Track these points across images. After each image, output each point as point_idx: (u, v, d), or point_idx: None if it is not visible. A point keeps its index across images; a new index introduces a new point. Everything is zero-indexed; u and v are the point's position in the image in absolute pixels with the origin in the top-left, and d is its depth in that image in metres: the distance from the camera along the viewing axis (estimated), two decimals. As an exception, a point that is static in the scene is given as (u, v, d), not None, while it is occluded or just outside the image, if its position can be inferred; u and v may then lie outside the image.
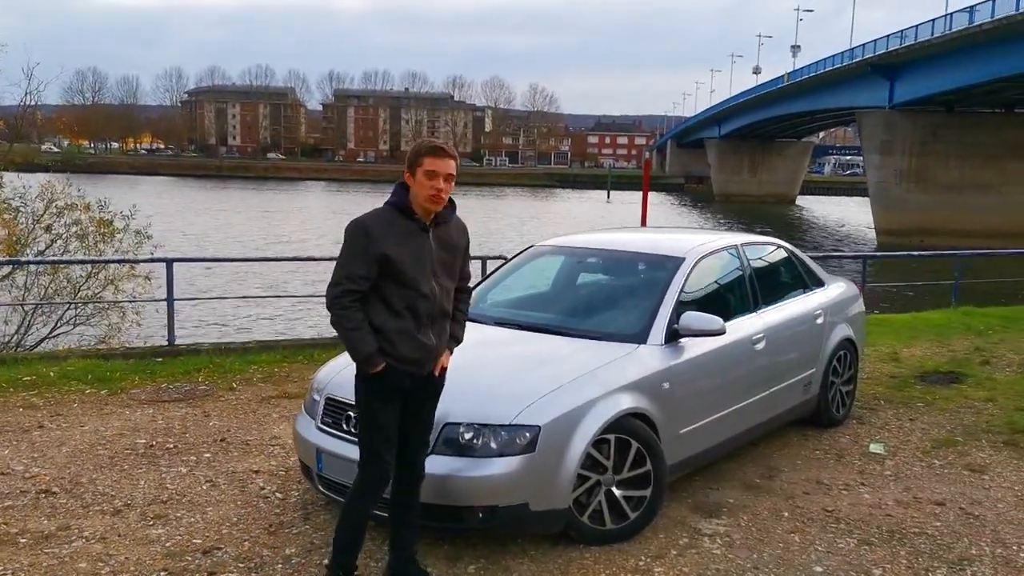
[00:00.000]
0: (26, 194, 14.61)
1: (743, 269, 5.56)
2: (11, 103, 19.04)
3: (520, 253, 5.92)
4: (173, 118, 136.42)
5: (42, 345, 12.39)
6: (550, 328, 4.85)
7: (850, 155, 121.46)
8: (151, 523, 4.31)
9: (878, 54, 40.82)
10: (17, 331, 12.91)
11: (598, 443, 4.08)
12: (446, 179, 3.39)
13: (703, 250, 5.30)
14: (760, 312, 5.43)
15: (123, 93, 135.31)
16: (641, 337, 4.62)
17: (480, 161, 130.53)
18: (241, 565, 3.89)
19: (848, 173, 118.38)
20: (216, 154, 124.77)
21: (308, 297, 13.50)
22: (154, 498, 4.63)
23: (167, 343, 8.38)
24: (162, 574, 3.79)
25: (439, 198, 3.40)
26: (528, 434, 3.88)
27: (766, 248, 6.18)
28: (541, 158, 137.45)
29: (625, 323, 4.80)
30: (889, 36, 40.52)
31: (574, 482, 4.00)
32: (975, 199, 39.85)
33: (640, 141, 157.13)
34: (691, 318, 4.67)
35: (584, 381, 4.18)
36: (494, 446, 3.87)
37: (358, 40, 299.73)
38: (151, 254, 13.75)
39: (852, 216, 62.80)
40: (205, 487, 4.82)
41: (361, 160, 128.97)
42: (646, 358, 4.50)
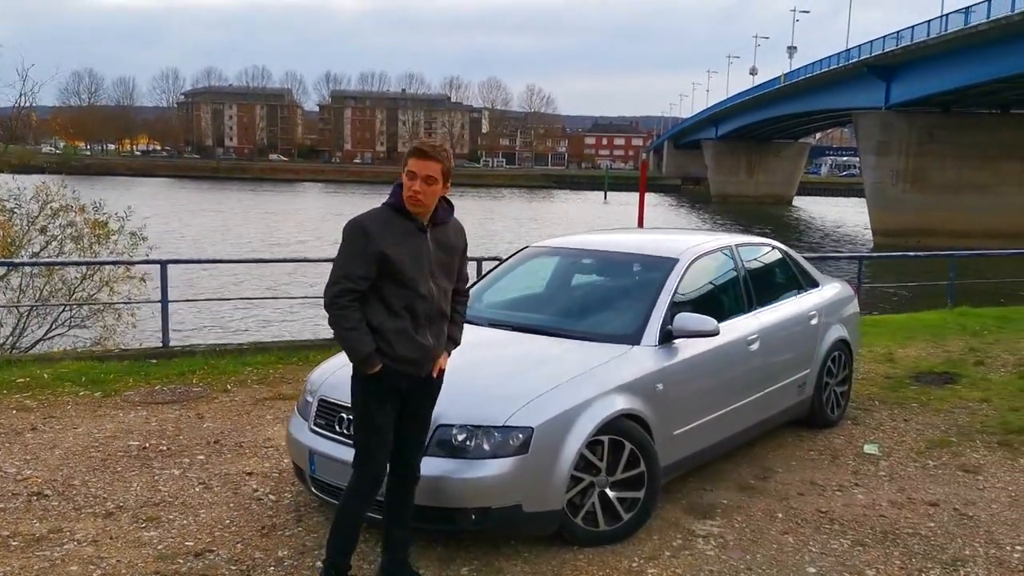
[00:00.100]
0: (21, 195, 14.57)
1: (737, 270, 5.55)
2: (6, 104, 19.03)
3: (515, 254, 5.91)
4: (170, 119, 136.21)
5: (37, 347, 12.36)
6: (544, 329, 4.85)
7: (847, 156, 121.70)
8: (143, 525, 4.30)
9: (874, 55, 40.87)
10: (12, 333, 12.89)
11: (592, 444, 4.07)
12: (426, 180, 3.34)
13: (697, 251, 5.30)
14: (754, 313, 5.42)
15: (119, 94, 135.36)
16: (635, 338, 4.61)
17: (477, 162, 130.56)
18: (233, 567, 3.88)
19: (845, 174, 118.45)
20: (213, 155, 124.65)
21: (304, 299, 13.47)
22: (146, 500, 4.62)
23: (162, 345, 8.38)
24: (154, 577, 3.78)
25: (415, 199, 3.36)
26: (521, 435, 3.88)
27: (760, 249, 6.18)
28: (538, 159, 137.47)
29: (619, 324, 4.79)
30: (885, 37, 40.57)
31: (567, 483, 3.99)
32: (971, 200, 39.89)
33: (637, 142, 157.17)
34: (685, 319, 4.66)
35: (578, 382, 4.17)
36: (487, 447, 3.86)
37: (356, 41, 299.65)
38: (146, 256, 13.73)
39: (849, 217, 62.87)
40: (198, 489, 4.81)
41: (358, 161, 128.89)
42: (640, 359, 4.49)
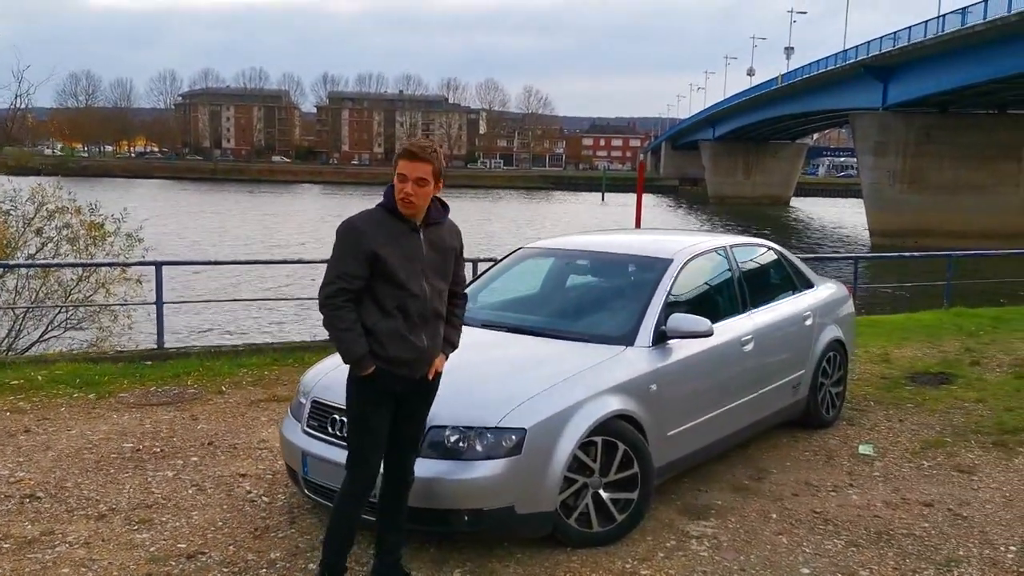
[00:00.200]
0: (16, 197, 14.53)
1: (732, 271, 5.55)
2: (2, 106, 19.00)
3: (509, 255, 5.90)
4: (167, 121, 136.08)
5: (33, 349, 12.33)
6: (537, 330, 4.84)
7: (844, 156, 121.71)
8: (136, 528, 4.28)
9: (871, 56, 40.87)
10: (8, 335, 12.85)
11: (585, 445, 4.06)
12: (417, 182, 3.33)
13: (691, 251, 5.29)
14: (749, 313, 5.42)
15: (117, 96, 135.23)
16: (628, 339, 4.60)
17: (475, 163, 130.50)
18: (226, 569, 3.87)
19: (842, 175, 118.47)
20: (210, 157, 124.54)
21: (299, 300, 13.45)
22: (139, 502, 4.60)
23: (156, 346, 8.36)
24: (145, 579, 3.76)
25: (407, 201, 3.36)
26: (514, 437, 3.87)
27: (755, 249, 6.18)
28: (536, 160, 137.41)
29: (612, 325, 4.78)
30: (882, 38, 40.57)
31: (561, 485, 3.98)
32: (969, 200, 39.89)
33: (635, 143, 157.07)
34: (679, 320, 4.66)
35: (571, 383, 4.16)
36: (480, 449, 3.85)
37: (354, 42, 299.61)
38: (142, 257, 13.70)
39: (846, 217, 62.84)
40: (191, 491, 4.79)
41: (356, 163, 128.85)
42: (633, 360, 4.48)
